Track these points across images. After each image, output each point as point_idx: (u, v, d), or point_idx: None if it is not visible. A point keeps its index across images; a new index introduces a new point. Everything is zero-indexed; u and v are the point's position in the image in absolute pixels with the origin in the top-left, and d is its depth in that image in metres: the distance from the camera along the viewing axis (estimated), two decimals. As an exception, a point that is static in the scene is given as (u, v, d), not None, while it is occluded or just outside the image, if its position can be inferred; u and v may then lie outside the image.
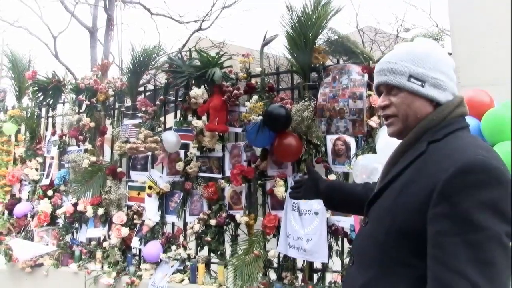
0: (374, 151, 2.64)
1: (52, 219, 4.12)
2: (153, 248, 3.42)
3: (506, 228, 0.93)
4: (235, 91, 3.22)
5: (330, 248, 2.86)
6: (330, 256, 2.86)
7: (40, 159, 4.38)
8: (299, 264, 3.06)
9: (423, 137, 1.16)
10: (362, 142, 2.86)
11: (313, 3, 2.93)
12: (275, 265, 3.12)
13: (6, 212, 4.39)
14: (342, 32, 2.98)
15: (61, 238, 4.01)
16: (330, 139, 2.91)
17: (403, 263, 1.05)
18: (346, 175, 2.92)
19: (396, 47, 1.29)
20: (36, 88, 4.41)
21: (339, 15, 2.94)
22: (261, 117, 2.96)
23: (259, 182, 3.20)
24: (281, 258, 3.09)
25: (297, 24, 2.99)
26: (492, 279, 0.90)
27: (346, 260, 2.85)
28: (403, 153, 1.20)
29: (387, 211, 1.13)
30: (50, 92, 4.39)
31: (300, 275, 3.02)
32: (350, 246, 2.79)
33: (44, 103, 4.51)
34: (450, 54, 2.70)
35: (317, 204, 2.86)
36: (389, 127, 1.25)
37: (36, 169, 4.34)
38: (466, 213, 0.94)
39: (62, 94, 4.36)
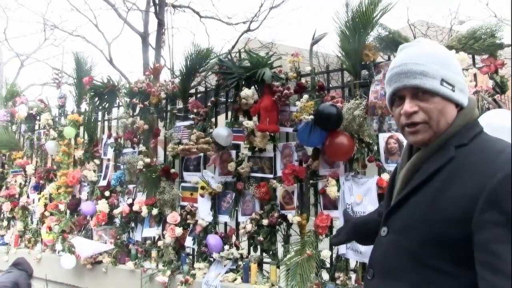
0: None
1: (110, 219, 4.45)
2: (213, 239, 3.60)
3: None
4: (285, 91, 3.34)
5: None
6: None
7: (97, 161, 4.76)
8: (352, 264, 3.13)
9: (448, 142, 1.16)
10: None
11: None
12: (328, 265, 3.22)
13: (68, 211, 4.79)
14: (393, 28, 3.03)
15: (118, 237, 4.32)
16: (383, 137, 2.97)
17: (443, 272, 1.05)
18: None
19: (410, 47, 1.27)
20: (92, 93, 4.78)
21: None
22: (312, 117, 3.06)
23: (311, 181, 3.30)
24: (333, 259, 3.18)
25: (351, 21, 3.09)
26: None
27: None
28: (426, 159, 1.19)
29: (419, 220, 1.12)
30: (106, 97, 4.75)
31: (353, 276, 3.10)
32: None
33: (100, 107, 4.87)
34: (509, 45, 2.70)
35: (370, 206, 2.92)
36: (415, 135, 1.20)
37: (94, 171, 4.71)
38: None
39: (117, 98, 4.70)
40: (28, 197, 5.40)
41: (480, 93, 2.62)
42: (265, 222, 3.40)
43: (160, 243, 3.98)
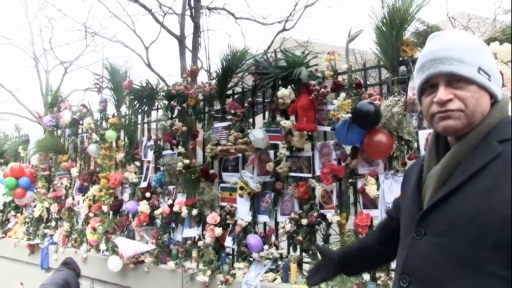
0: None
1: (151, 220, 4.60)
2: (253, 239, 3.67)
3: None
4: (322, 90, 3.36)
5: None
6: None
7: (138, 163, 4.93)
8: (394, 264, 3.10)
9: (488, 136, 1.11)
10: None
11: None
12: (369, 265, 3.20)
13: (111, 212, 5.01)
14: (431, 22, 3.00)
15: (159, 237, 4.45)
16: (423, 134, 2.94)
17: (495, 277, 1.01)
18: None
19: (442, 35, 1.21)
20: (132, 96, 4.96)
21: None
22: (349, 115, 3.08)
23: (350, 180, 3.30)
24: (374, 258, 3.16)
25: (387, 17, 3.08)
26: None
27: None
28: (466, 155, 1.12)
29: (470, 221, 1.05)
30: (145, 100, 4.90)
31: (395, 276, 3.07)
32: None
33: (140, 110, 5.05)
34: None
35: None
36: (446, 120, 1.13)
37: (135, 173, 4.88)
38: None
39: (156, 101, 4.84)
40: (73, 198, 5.68)
41: (527, 86, 2.56)
42: (304, 221, 3.43)
43: (200, 243, 4.08)
